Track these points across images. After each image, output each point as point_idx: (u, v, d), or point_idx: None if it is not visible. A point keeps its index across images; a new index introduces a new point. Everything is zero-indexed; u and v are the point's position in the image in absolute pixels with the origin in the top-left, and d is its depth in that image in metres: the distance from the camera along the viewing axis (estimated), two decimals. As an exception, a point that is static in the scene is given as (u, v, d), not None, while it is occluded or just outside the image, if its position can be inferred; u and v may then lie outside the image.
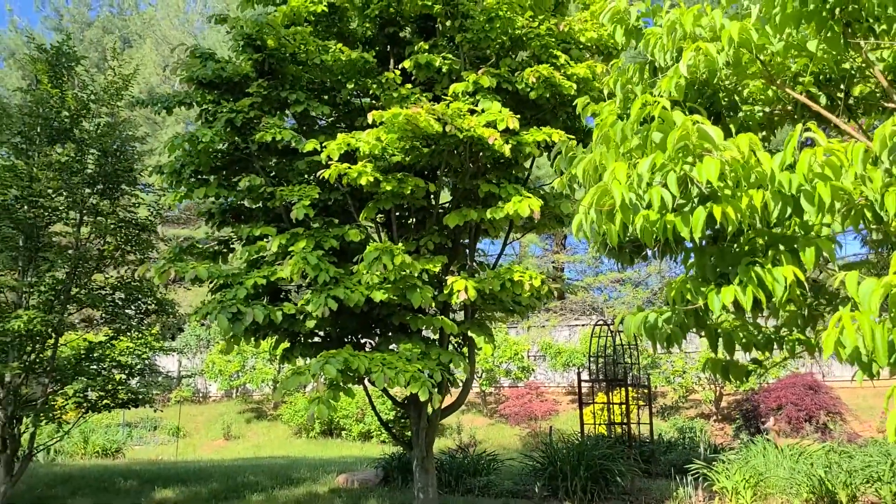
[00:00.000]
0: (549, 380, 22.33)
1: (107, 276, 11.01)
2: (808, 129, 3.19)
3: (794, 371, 18.27)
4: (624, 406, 12.36)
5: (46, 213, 10.17)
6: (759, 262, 3.30)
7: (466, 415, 20.62)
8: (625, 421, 12.29)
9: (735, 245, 3.55)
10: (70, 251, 10.32)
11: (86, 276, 10.41)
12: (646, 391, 13.90)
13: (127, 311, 10.94)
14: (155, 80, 31.24)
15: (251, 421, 22.40)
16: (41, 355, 9.74)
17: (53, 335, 9.76)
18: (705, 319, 3.67)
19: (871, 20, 3.86)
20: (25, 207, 9.91)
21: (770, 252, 3.38)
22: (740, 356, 4.33)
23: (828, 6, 3.77)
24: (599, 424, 13.37)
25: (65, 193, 10.30)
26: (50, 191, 10.09)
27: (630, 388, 12.62)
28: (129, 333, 10.87)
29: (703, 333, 4.05)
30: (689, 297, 3.37)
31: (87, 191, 10.53)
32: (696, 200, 3.29)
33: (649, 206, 3.22)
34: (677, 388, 19.30)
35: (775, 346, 4.29)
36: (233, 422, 21.83)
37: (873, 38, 3.98)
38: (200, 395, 24.75)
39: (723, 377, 4.31)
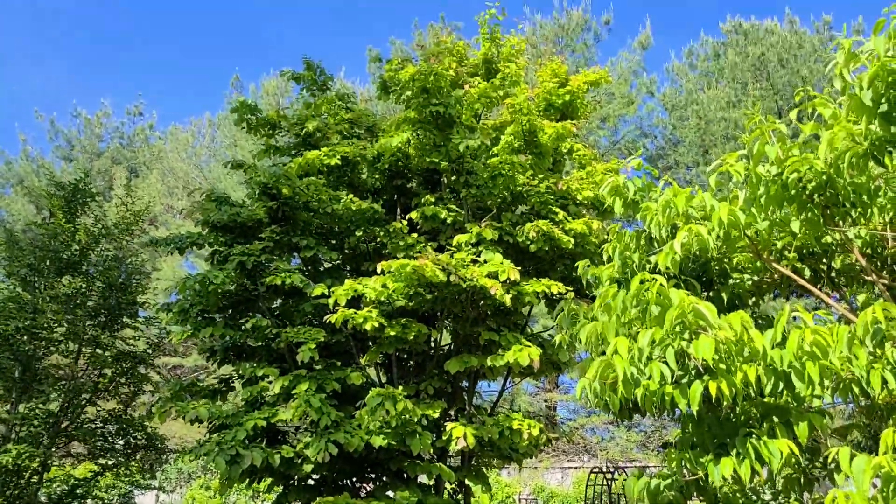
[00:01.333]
0: (542, 525, 21.58)
1: (98, 408, 10.95)
2: (795, 310, 3.46)
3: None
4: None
5: (45, 345, 10.27)
6: (755, 433, 3.47)
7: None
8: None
9: (731, 415, 3.72)
10: (65, 382, 10.33)
11: (79, 408, 10.36)
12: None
13: (116, 445, 10.81)
14: (158, 208, 32.07)
15: (229, 562, 21.33)
16: (26, 490, 9.53)
17: (39, 471, 9.60)
18: (705, 486, 3.79)
19: (847, 204, 4.23)
20: (26, 338, 10.01)
21: (765, 424, 3.55)
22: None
23: (806, 192, 4.15)
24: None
25: (65, 325, 10.44)
26: (51, 323, 10.23)
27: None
28: (115, 469, 10.68)
29: (702, 497, 4.15)
30: (689, 466, 3.50)
31: (89, 322, 10.68)
32: (693, 373, 3.49)
33: (650, 377, 3.42)
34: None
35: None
36: (210, 563, 20.79)
37: (850, 220, 4.35)
38: (178, 532, 23.67)
39: (724, 542, 4.35)
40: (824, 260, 4.76)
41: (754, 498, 4.23)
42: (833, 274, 4.81)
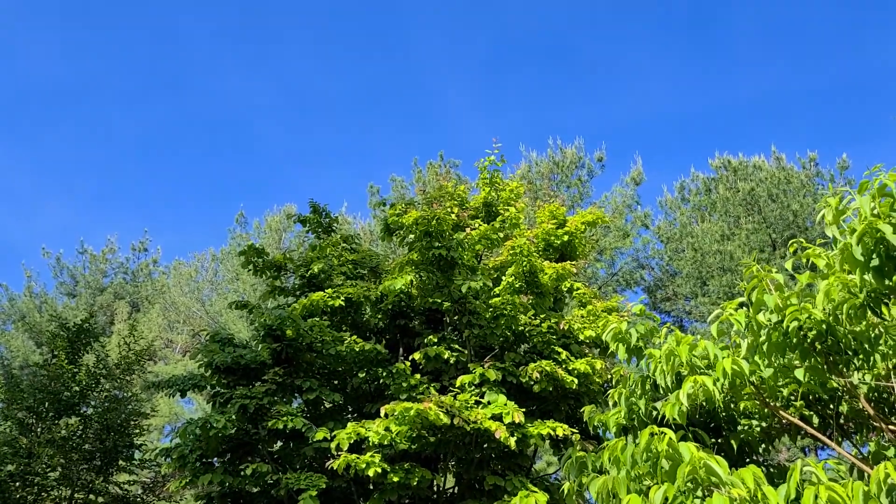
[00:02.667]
0: None
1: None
2: (807, 464, 3.43)
3: None
4: None
5: (37, 490, 9.96)
6: None
7: None
8: None
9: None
10: (55, 531, 9.95)
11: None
12: None
13: None
14: (158, 343, 31.97)
15: None
16: None
17: None
18: None
19: (849, 352, 4.28)
20: (18, 484, 9.73)
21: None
22: None
23: (808, 340, 4.21)
24: None
25: (59, 469, 10.18)
26: (47, 467, 9.98)
27: None
28: None
29: None
30: None
31: (84, 466, 10.42)
32: (709, 533, 3.42)
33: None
34: None
35: None
36: None
37: (854, 366, 4.39)
38: None
39: None
40: (831, 406, 4.75)
41: None
42: (841, 420, 4.78)
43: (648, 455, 3.67)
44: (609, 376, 8.16)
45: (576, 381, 7.78)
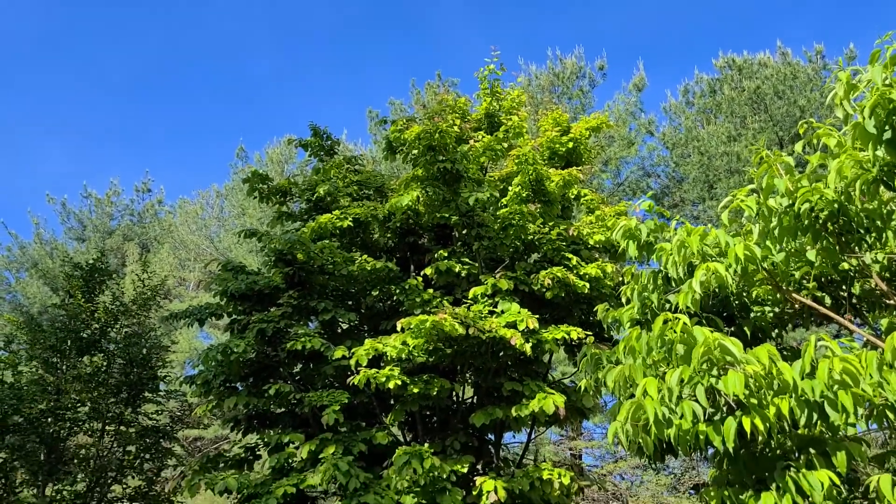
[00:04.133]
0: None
1: (125, 486, 10.87)
2: (821, 339, 3.47)
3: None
4: None
5: (69, 425, 10.26)
6: (793, 465, 3.44)
7: None
8: None
9: (766, 449, 3.70)
10: (90, 462, 10.29)
11: (106, 487, 10.30)
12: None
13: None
14: (171, 282, 32.29)
15: None
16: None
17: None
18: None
19: (861, 230, 4.27)
20: (50, 420, 10.02)
21: (802, 456, 3.53)
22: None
23: (819, 221, 4.19)
24: None
25: (89, 404, 10.44)
26: (74, 403, 10.24)
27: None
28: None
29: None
30: (729, 503, 3.47)
31: (112, 400, 10.68)
32: (724, 410, 3.49)
33: (682, 417, 3.42)
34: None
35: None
36: None
37: (866, 245, 4.38)
38: None
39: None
40: (843, 287, 4.77)
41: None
42: (854, 300, 4.81)
43: (663, 342, 3.72)
44: (620, 279, 8.21)
45: (587, 285, 7.83)
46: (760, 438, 3.26)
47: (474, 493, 7.23)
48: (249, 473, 8.25)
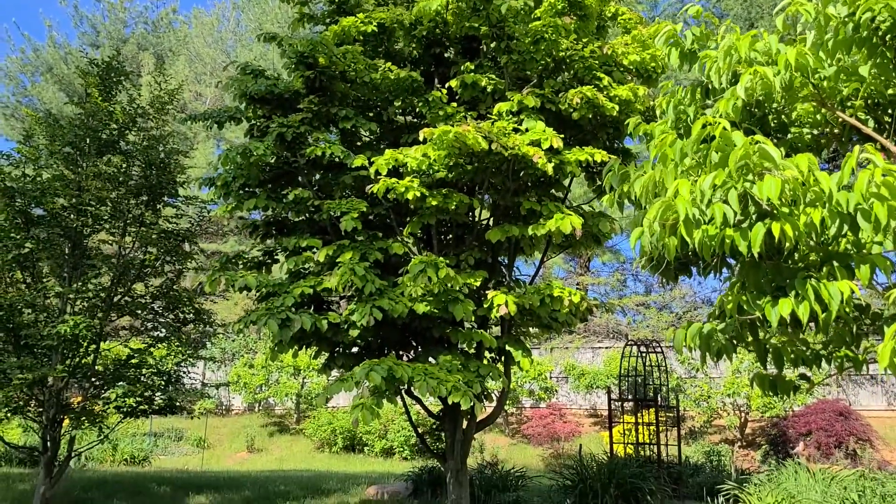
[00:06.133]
0: (572, 402, 22.29)
1: (147, 285, 11.28)
2: (864, 151, 3.34)
3: (822, 398, 18.14)
4: (652, 427, 12.38)
5: (92, 222, 10.47)
6: (815, 276, 3.43)
7: (488, 434, 20.63)
8: (653, 441, 12.31)
9: (790, 261, 3.68)
10: (114, 259, 10.61)
11: (129, 282, 10.69)
12: (671, 414, 13.89)
13: (166, 319, 11.20)
14: (188, 95, 31.86)
15: (274, 434, 22.55)
16: (84, 360, 9.99)
17: (96, 340, 10.02)
18: (759, 332, 3.80)
19: (922, 48, 4.00)
20: (73, 216, 10.21)
21: (825, 268, 3.51)
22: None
23: (879, 34, 3.92)
24: (626, 444, 13.38)
25: (110, 203, 10.60)
26: (96, 201, 10.38)
27: (658, 409, 12.64)
28: (166, 342, 11.10)
29: (751, 349, 4.18)
30: (746, 307, 3.50)
31: (132, 201, 10.83)
32: (754, 217, 3.43)
33: (710, 222, 3.37)
34: (704, 410, 19.15)
35: (823, 362, 4.39)
36: (256, 435, 22.00)
37: (924, 65, 4.12)
38: (223, 407, 24.97)
39: (771, 392, 4.42)
40: (890, 111, 4.56)
41: (805, 349, 4.25)
42: (898, 126, 4.61)
43: (699, 147, 3.60)
44: (651, 103, 7.94)
45: (616, 107, 7.59)
46: (787, 245, 3.22)
47: (485, 305, 7.43)
48: (268, 274, 8.49)
